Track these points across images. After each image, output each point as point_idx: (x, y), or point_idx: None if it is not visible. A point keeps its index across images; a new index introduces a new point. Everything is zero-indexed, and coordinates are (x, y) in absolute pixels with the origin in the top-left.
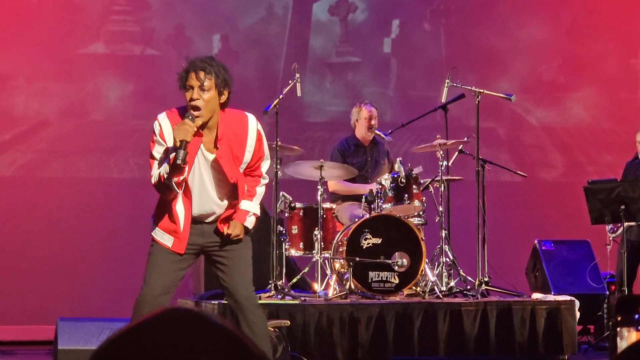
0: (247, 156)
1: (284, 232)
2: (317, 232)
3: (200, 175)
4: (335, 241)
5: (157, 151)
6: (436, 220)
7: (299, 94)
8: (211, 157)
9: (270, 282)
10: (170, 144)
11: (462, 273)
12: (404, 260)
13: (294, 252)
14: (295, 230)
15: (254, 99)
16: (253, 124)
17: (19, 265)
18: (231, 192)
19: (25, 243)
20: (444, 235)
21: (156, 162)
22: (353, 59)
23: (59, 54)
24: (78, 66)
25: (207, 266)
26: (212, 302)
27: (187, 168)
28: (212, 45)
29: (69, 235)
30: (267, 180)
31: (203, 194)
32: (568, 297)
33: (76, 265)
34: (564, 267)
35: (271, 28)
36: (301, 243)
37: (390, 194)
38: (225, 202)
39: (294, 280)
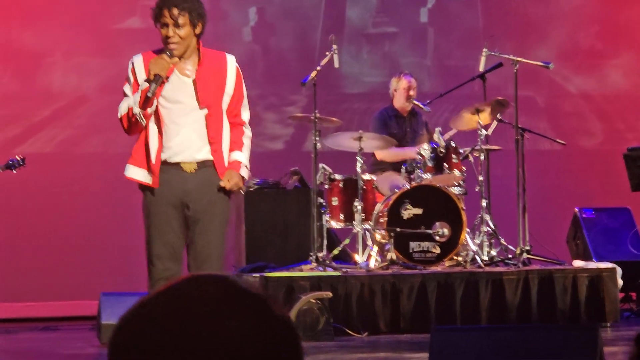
0: (229, 87)
1: (324, 204)
2: (358, 204)
3: (177, 103)
4: (375, 212)
5: (127, 88)
6: (476, 190)
7: (336, 65)
8: (188, 80)
9: (311, 254)
10: (140, 80)
11: (503, 242)
12: (445, 230)
13: (334, 224)
14: (335, 202)
15: (291, 72)
16: (232, 60)
17: (61, 241)
18: (213, 124)
19: (67, 219)
20: (484, 204)
21: (125, 98)
22: (390, 29)
23: (95, 29)
24: (114, 41)
25: (249, 239)
26: (254, 274)
27: (155, 102)
28: (248, 18)
29: (110, 209)
30: (250, 133)
31: (179, 124)
32: (610, 265)
33: (118, 239)
34: (605, 235)
35: None
36: (341, 215)
37: (430, 164)
38: (203, 136)
39: (335, 252)
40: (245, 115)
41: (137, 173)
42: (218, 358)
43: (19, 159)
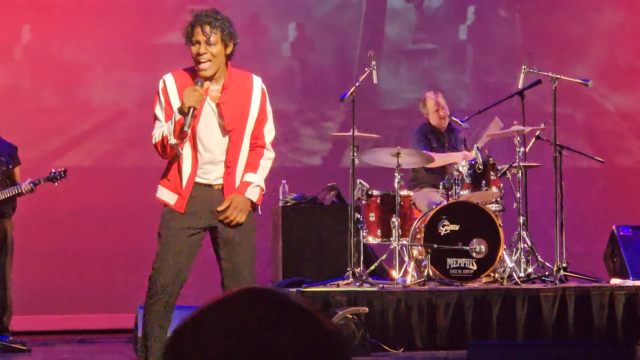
0: (254, 109)
1: (361, 219)
2: (395, 219)
3: (207, 125)
4: (413, 228)
5: (160, 110)
6: (514, 207)
7: (375, 81)
8: (214, 104)
9: (348, 269)
10: (173, 102)
11: (540, 259)
12: (482, 246)
13: (371, 240)
14: (372, 217)
15: (330, 87)
16: (258, 82)
17: (99, 254)
18: (233, 147)
19: (105, 232)
20: (521, 221)
21: (158, 122)
22: (429, 46)
23: (135, 44)
24: (154, 56)
25: (286, 253)
26: (291, 289)
27: (189, 132)
28: (288, 34)
29: (148, 223)
30: (272, 155)
31: (207, 147)
32: None
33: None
34: None
35: (346, 16)
36: (379, 230)
37: (467, 181)
38: (229, 164)
39: (372, 267)
40: (269, 137)
41: (168, 197)
42: None
43: (60, 171)
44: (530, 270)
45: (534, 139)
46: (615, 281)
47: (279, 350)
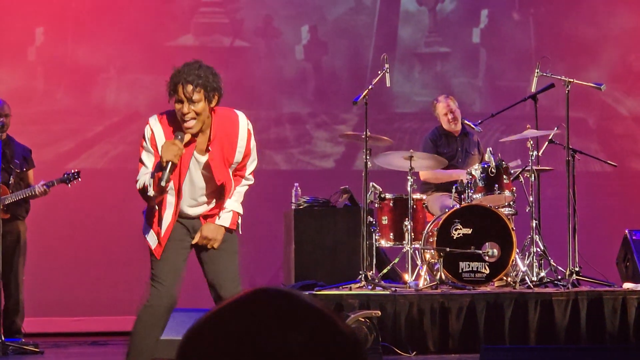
0: (238, 156)
1: (374, 222)
2: (408, 223)
3: (190, 177)
4: (425, 231)
5: (145, 157)
6: (526, 210)
7: (388, 84)
8: (203, 159)
9: (360, 272)
10: (160, 148)
11: (552, 263)
12: (495, 250)
13: (384, 243)
14: (385, 220)
15: (343, 90)
16: (244, 124)
17: (112, 256)
18: (218, 193)
19: (117, 234)
20: (534, 225)
21: (144, 167)
22: (442, 49)
23: (149, 46)
24: (168, 58)
25: (298, 256)
26: (304, 292)
27: (171, 182)
28: (301, 37)
29: None
30: (251, 182)
31: (193, 195)
32: None
33: None
34: None
35: (360, 18)
36: (391, 234)
37: (480, 184)
38: (213, 203)
39: (385, 270)
40: (251, 167)
41: (151, 239)
42: None
43: (73, 172)
44: (542, 274)
45: (546, 142)
46: (627, 285)
47: (294, 352)
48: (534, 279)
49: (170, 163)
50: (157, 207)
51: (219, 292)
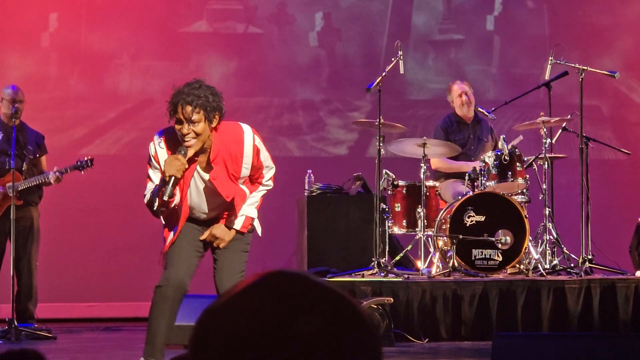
0: (244, 172)
1: (387, 209)
2: (420, 210)
3: (197, 194)
4: (438, 219)
5: (152, 173)
6: (540, 198)
7: (401, 71)
8: (206, 176)
9: (373, 259)
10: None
11: (565, 251)
12: (508, 237)
13: (397, 230)
14: (398, 207)
15: (357, 77)
16: (249, 139)
17: (124, 242)
18: (229, 204)
19: (130, 220)
20: (547, 212)
21: (150, 182)
22: (456, 37)
23: (162, 32)
24: (181, 44)
25: (311, 243)
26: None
27: (177, 196)
28: (315, 23)
29: None
30: (269, 187)
31: (201, 209)
32: None
33: None
34: None
35: (373, 5)
36: (404, 221)
37: (493, 172)
38: (224, 213)
39: (397, 257)
40: (269, 174)
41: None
42: (302, 356)
43: (87, 159)
44: (555, 261)
45: (560, 130)
46: None
47: (311, 335)
48: (547, 266)
49: (172, 178)
50: (168, 218)
51: (217, 286)
